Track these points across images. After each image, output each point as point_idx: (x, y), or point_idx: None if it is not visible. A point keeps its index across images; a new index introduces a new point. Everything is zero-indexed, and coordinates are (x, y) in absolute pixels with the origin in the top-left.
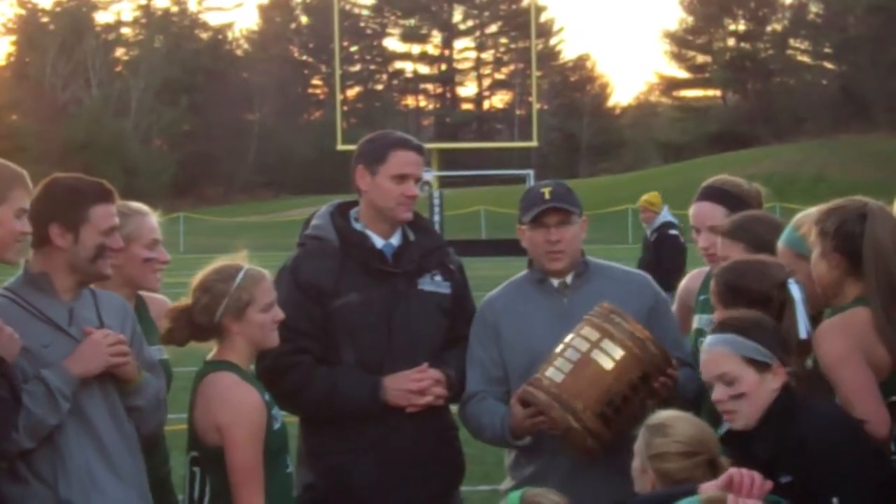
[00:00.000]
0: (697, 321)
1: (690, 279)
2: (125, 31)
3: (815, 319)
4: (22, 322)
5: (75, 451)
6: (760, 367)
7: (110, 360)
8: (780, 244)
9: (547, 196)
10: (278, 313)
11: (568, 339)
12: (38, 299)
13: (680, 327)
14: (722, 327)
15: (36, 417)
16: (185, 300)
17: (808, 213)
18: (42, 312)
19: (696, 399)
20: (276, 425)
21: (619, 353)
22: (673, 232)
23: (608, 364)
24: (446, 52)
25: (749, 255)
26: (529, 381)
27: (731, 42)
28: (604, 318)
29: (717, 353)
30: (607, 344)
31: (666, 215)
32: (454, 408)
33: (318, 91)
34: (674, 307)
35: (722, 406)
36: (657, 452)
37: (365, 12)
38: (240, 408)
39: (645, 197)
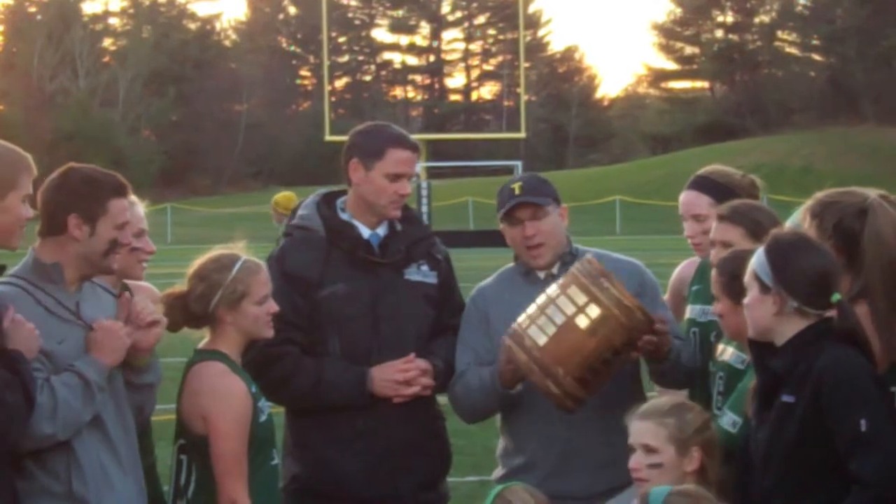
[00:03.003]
0: (690, 311)
1: (683, 269)
2: (113, 21)
3: None
4: (36, 315)
5: (88, 447)
6: (763, 286)
7: (127, 341)
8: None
9: (517, 191)
10: (272, 306)
11: (552, 292)
12: (49, 291)
13: (674, 319)
14: (766, 240)
15: (74, 410)
16: (181, 287)
17: None
18: (55, 306)
19: (689, 381)
20: (262, 417)
21: (604, 320)
22: None
23: (592, 331)
24: (434, 43)
25: (749, 246)
26: (510, 333)
27: (720, 34)
28: (592, 279)
29: (750, 262)
30: (593, 309)
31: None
32: (441, 398)
33: (306, 82)
34: (666, 297)
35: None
36: (699, 425)
37: (353, 3)
38: (226, 398)
39: (275, 197)
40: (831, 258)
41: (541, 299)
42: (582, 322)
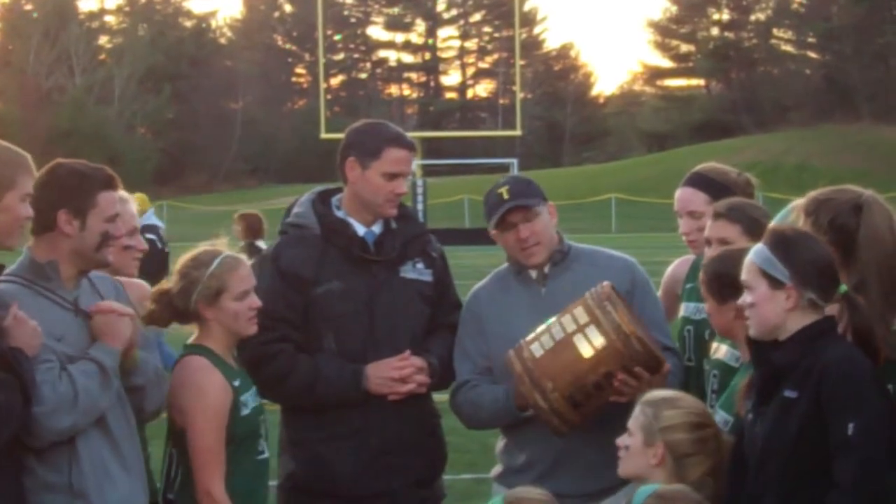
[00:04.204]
0: (684, 309)
1: (677, 266)
2: (109, 18)
3: None
4: (40, 309)
5: (89, 442)
6: (774, 282)
7: (128, 321)
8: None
9: (505, 196)
10: (254, 301)
11: (562, 313)
12: (47, 288)
13: (665, 315)
14: (765, 236)
15: (94, 398)
16: (167, 284)
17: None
18: (53, 303)
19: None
20: (245, 411)
21: (600, 342)
22: (149, 236)
23: (587, 351)
24: (430, 41)
25: (736, 245)
26: (516, 346)
27: (715, 31)
28: (598, 302)
29: (746, 261)
30: (592, 331)
31: (149, 218)
32: (437, 396)
33: (301, 79)
34: (658, 294)
35: (744, 312)
36: (669, 424)
37: (349, 0)
38: (200, 392)
39: None
40: (829, 250)
41: (551, 319)
42: (579, 341)
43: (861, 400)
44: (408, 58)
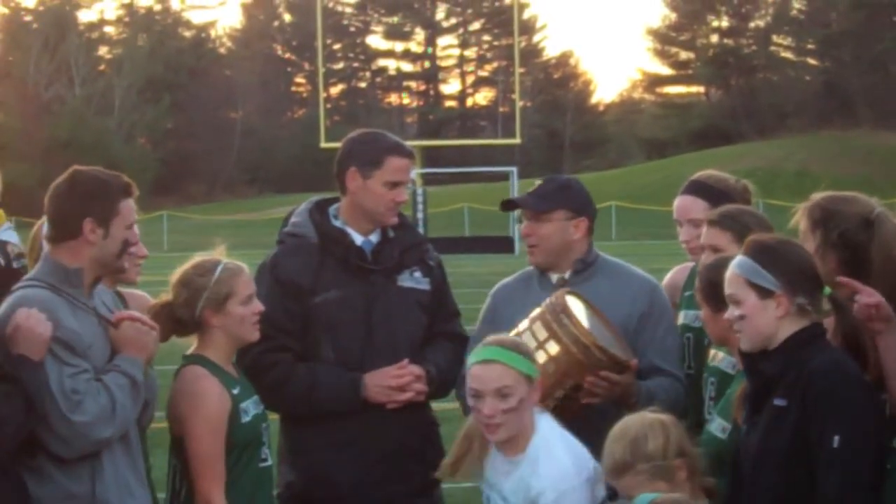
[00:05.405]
0: (683, 317)
1: (675, 274)
2: (108, 29)
3: None
4: (74, 315)
5: (113, 454)
6: (762, 292)
7: (154, 333)
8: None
9: (529, 191)
10: (258, 306)
11: (523, 326)
12: (72, 295)
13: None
14: (745, 248)
15: (127, 410)
16: (166, 296)
17: None
18: (81, 311)
19: (682, 410)
20: (246, 419)
21: (561, 356)
22: None
23: (550, 367)
24: (429, 50)
25: (730, 253)
26: None
27: (715, 38)
28: (554, 315)
29: (729, 275)
30: (552, 346)
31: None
32: (435, 404)
33: (301, 89)
34: None
35: (733, 326)
36: (659, 448)
37: (348, 10)
38: (198, 400)
39: None
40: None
41: (512, 333)
42: (540, 358)
43: (846, 411)
44: (407, 66)
